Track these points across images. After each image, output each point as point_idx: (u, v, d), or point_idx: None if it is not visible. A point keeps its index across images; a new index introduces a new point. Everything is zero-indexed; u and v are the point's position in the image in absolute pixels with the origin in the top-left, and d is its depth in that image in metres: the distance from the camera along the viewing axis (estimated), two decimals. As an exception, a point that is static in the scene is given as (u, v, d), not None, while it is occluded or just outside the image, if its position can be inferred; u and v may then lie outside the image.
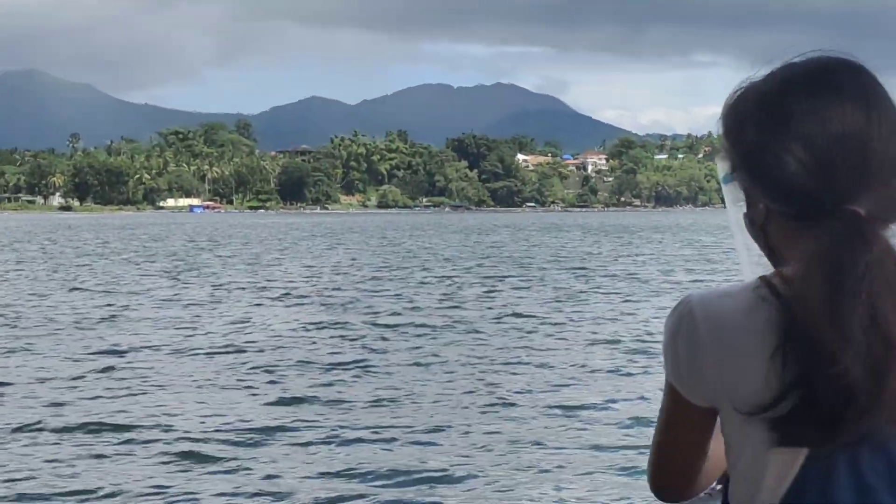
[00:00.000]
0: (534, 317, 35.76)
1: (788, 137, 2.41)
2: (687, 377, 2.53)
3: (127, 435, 17.93)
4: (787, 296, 2.39)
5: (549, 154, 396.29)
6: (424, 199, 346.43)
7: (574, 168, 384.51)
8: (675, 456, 2.67)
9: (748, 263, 2.68)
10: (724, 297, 2.49)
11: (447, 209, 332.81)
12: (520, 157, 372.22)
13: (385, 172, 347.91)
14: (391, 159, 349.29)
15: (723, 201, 2.71)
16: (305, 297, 43.67)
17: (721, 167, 2.58)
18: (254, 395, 21.61)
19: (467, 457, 16.66)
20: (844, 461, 2.46)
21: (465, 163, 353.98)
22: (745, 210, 2.58)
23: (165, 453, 16.77)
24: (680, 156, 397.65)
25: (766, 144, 2.43)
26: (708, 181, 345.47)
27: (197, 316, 36.48)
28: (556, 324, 33.76)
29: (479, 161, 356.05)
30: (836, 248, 2.35)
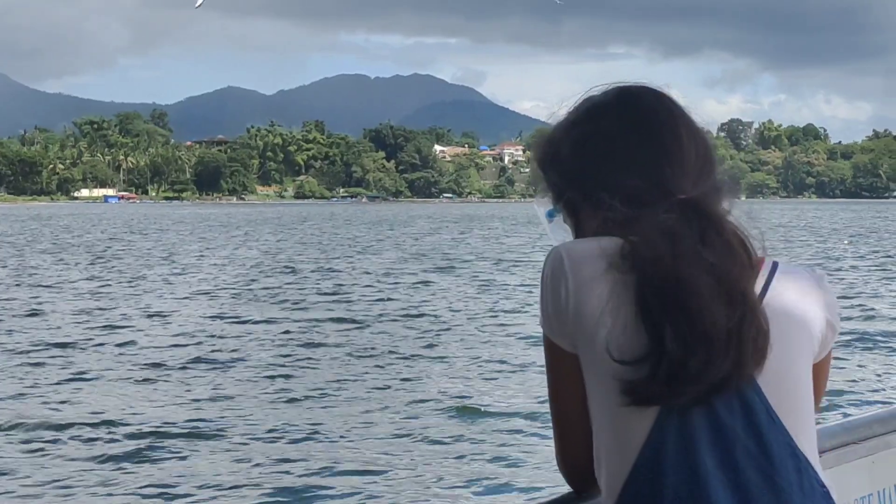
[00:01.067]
0: (444, 311, 36.46)
1: (614, 149, 2.85)
2: (555, 319, 2.75)
3: (47, 433, 18.08)
4: (639, 259, 2.66)
5: (466, 145, 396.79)
6: (341, 190, 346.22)
7: (491, 159, 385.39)
8: (571, 420, 2.83)
9: None
10: (591, 243, 2.76)
11: (364, 200, 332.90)
12: (437, 148, 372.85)
13: (302, 163, 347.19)
14: (308, 150, 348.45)
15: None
16: (219, 290, 43.87)
17: (542, 207, 3.01)
18: (163, 390, 21.81)
19: (389, 453, 17.18)
20: (700, 407, 2.65)
21: (382, 153, 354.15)
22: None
23: (79, 449, 17.06)
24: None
25: (599, 159, 2.85)
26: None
27: (113, 309, 36.64)
28: (470, 318, 34.58)
29: (396, 152, 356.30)
30: (672, 222, 2.68)
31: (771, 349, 2.68)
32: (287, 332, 30.63)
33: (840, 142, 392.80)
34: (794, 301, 2.79)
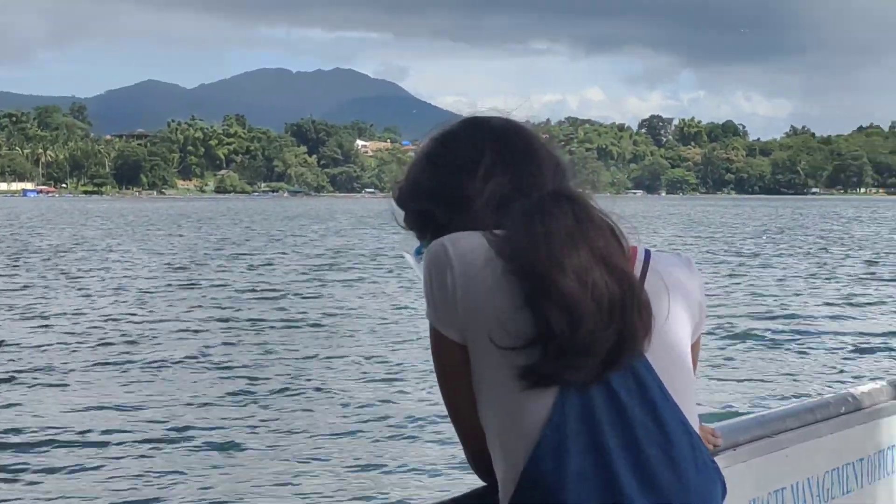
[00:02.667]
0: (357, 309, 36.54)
1: (473, 164, 2.98)
2: (441, 309, 2.80)
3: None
4: (517, 245, 2.75)
5: (389, 140, 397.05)
6: (263, 185, 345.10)
7: (413, 154, 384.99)
8: (468, 413, 2.85)
9: None
10: (472, 233, 2.83)
11: (286, 195, 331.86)
12: (359, 142, 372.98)
13: (223, 157, 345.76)
14: (229, 144, 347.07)
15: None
16: (124, 288, 43.19)
17: (408, 248, 3.11)
18: (51, 394, 21.26)
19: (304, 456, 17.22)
20: (598, 387, 2.72)
21: (304, 148, 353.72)
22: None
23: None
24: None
25: (459, 174, 2.98)
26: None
27: (30, 306, 36.22)
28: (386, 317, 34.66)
29: (318, 146, 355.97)
30: (545, 208, 2.79)
31: (656, 329, 2.77)
32: (189, 330, 30.17)
33: (759, 139, 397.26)
34: (671, 284, 2.89)
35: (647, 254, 2.93)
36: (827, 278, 47.75)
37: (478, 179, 2.95)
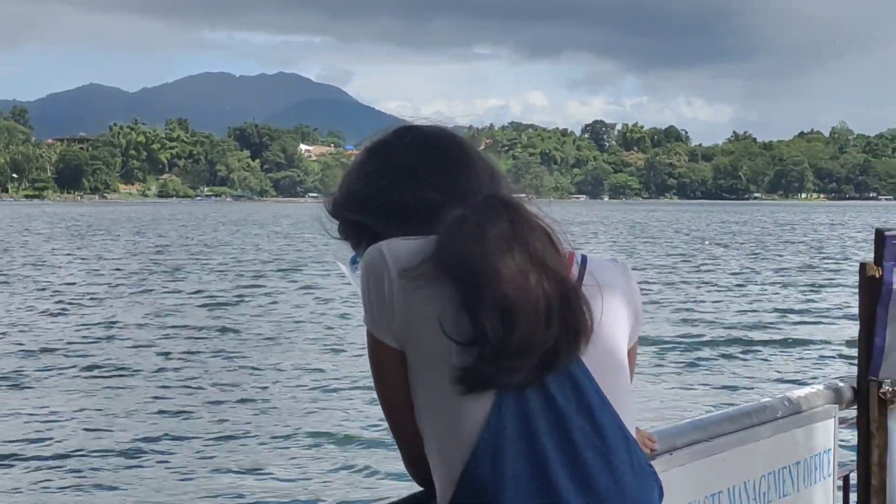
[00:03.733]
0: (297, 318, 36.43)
1: (407, 172, 2.99)
2: (379, 314, 2.80)
3: None
4: (453, 249, 2.75)
5: (332, 144, 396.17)
6: (206, 189, 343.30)
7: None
8: (405, 419, 2.87)
9: None
10: (409, 242, 2.82)
11: (229, 199, 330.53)
12: (302, 147, 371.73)
13: (165, 161, 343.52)
14: (172, 148, 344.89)
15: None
16: (60, 293, 42.96)
17: (342, 258, 3.12)
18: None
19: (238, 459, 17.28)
20: (535, 390, 2.73)
21: (247, 152, 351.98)
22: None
23: None
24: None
25: (394, 183, 2.98)
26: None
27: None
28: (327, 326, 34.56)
29: (261, 151, 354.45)
30: (480, 212, 2.79)
31: (593, 333, 2.79)
32: (127, 338, 29.95)
33: (701, 144, 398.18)
34: (607, 289, 2.91)
35: (584, 259, 2.94)
36: (766, 284, 48.05)
37: (412, 188, 2.96)
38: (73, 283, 47.33)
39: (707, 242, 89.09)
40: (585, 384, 2.78)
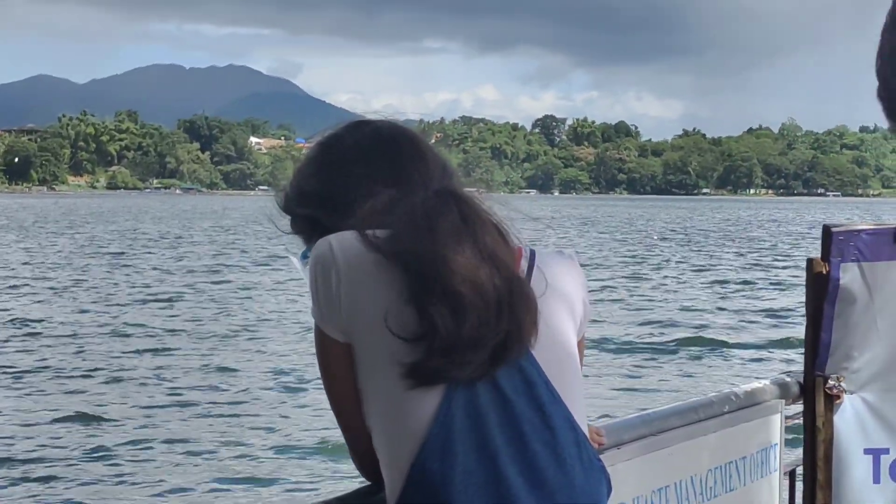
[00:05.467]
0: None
1: (358, 167, 3.00)
2: (326, 308, 2.80)
3: None
4: (402, 242, 2.76)
5: (283, 137, 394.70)
6: (155, 181, 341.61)
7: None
8: (353, 413, 2.86)
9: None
10: (359, 236, 2.81)
11: (178, 191, 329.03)
12: (253, 139, 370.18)
13: (114, 153, 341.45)
14: (121, 140, 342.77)
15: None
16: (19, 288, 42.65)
17: (295, 253, 3.12)
18: None
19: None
20: (484, 384, 2.74)
21: (196, 145, 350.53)
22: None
23: None
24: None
25: (345, 178, 2.99)
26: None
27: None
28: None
29: (211, 143, 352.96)
30: (430, 205, 2.81)
31: (542, 327, 2.80)
32: (71, 335, 29.56)
33: (651, 139, 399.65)
34: (556, 282, 2.92)
35: (532, 253, 2.95)
36: (712, 281, 48.27)
37: (363, 183, 2.96)
38: (25, 277, 46.92)
39: (656, 238, 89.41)
40: (535, 377, 2.78)
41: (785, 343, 28.11)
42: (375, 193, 2.92)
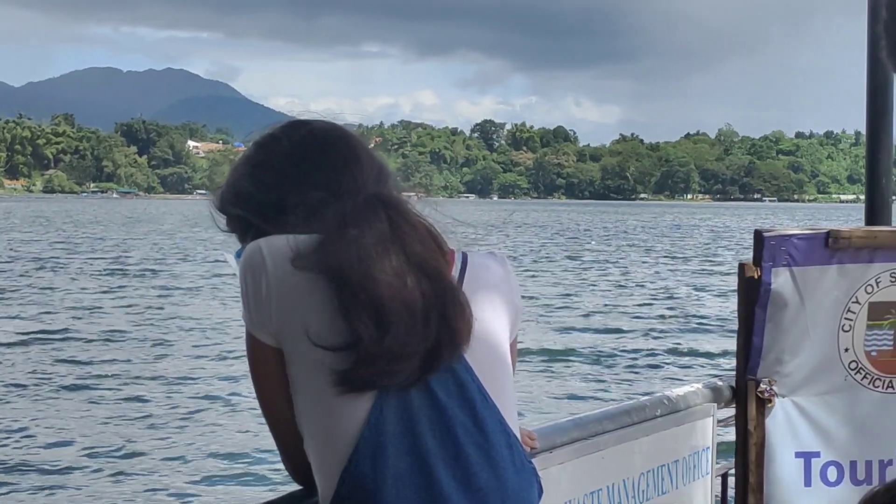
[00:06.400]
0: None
1: (292, 169, 2.97)
2: (256, 312, 2.79)
3: None
4: (329, 250, 2.75)
5: (221, 141, 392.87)
6: (92, 185, 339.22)
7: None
8: (284, 418, 2.85)
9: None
10: (289, 240, 2.80)
11: (115, 195, 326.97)
12: (190, 143, 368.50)
13: (51, 157, 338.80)
14: (57, 143, 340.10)
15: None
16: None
17: (231, 252, 3.10)
18: None
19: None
20: (417, 388, 2.75)
21: (134, 148, 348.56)
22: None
23: None
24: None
25: (279, 181, 2.97)
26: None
27: None
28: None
29: (148, 147, 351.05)
30: (358, 212, 2.80)
31: (475, 330, 2.79)
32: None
33: (589, 144, 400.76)
34: (488, 285, 2.93)
35: (465, 256, 2.94)
36: (648, 287, 48.42)
37: (297, 185, 2.94)
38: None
39: (593, 243, 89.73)
40: (468, 381, 2.78)
41: (718, 347, 28.28)
42: (308, 196, 2.91)
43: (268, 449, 15.99)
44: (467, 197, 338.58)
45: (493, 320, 2.91)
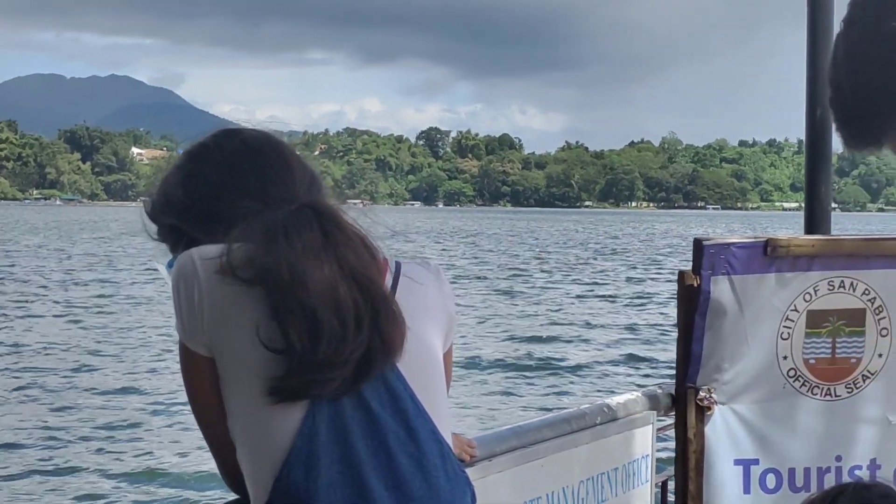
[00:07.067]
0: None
1: (224, 179, 2.97)
2: (189, 322, 2.79)
3: None
4: (260, 260, 2.74)
5: (165, 148, 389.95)
6: (35, 192, 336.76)
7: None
8: (218, 427, 2.85)
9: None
10: (222, 249, 2.79)
11: (58, 202, 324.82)
12: (134, 150, 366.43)
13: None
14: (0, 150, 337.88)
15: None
16: None
17: (162, 261, 3.09)
18: None
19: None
20: (350, 398, 2.75)
21: (77, 155, 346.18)
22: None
23: None
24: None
25: (211, 190, 2.98)
26: (324, 177, 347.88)
27: None
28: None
29: (92, 153, 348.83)
30: (290, 221, 2.79)
31: (408, 339, 2.80)
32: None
33: (534, 152, 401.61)
34: (423, 295, 2.95)
35: (398, 265, 2.95)
36: (592, 296, 48.53)
37: (229, 194, 2.94)
38: None
39: (537, 250, 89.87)
40: (400, 390, 2.80)
41: (660, 355, 28.39)
42: (240, 205, 2.90)
43: (206, 458, 15.92)
44: (413, 204, 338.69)
45: (426, 329, 2.92)
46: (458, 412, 19.11)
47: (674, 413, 5.23)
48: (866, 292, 5.19)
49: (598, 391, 23.42)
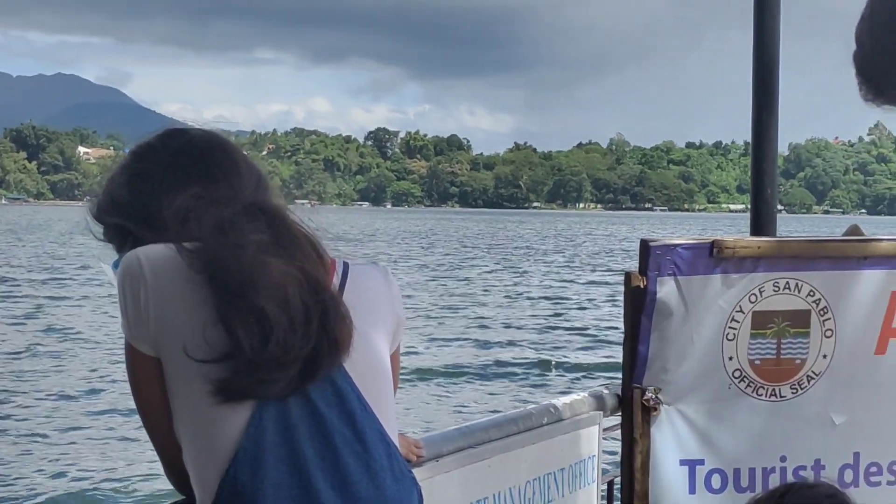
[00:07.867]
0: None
1: (168, 177, 2.96)
2: (135, 322, 2.77)
3: None
4: (207, 258, 2.74)
5: (112, 147, 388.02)
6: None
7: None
8: (164, 427, 2.83)
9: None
10: (168, 249, 2.79)
11: (4, 202, 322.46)
12: (81, 149, 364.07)
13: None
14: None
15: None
16: None
17: (107, 261, 3.03)
18: None
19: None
20: (296, 398, 2.75)
21: (23, 154, 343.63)
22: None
23: None
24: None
25: (155, 189, 2.94)
26: (272, 177, 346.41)
27: None
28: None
29: (38, 153, 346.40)
30: (237, 220, 2.79)
31: (355, 340, 2.81)
32: None
33: (483, 153, 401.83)
34: (371, 296, 2.95)
35: (346, 266, 2.95)
36: (536, 297, 48.58)
37: (175, 194, 2.91)
38: None
39: (484, 250, 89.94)
40: (347, 391, 2.80)
41: (606, 357, 28.47)
42: (186, 205, 2.88)
43: (152, 459, 15.84)
44: (361, 205, 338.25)
45: (373, 331, 2.93)
46: (405, 413, 19.11)
47: (620, 414, 5.25)
48: (811, 293, 5.22)
49: (544, 392, 23.45)
